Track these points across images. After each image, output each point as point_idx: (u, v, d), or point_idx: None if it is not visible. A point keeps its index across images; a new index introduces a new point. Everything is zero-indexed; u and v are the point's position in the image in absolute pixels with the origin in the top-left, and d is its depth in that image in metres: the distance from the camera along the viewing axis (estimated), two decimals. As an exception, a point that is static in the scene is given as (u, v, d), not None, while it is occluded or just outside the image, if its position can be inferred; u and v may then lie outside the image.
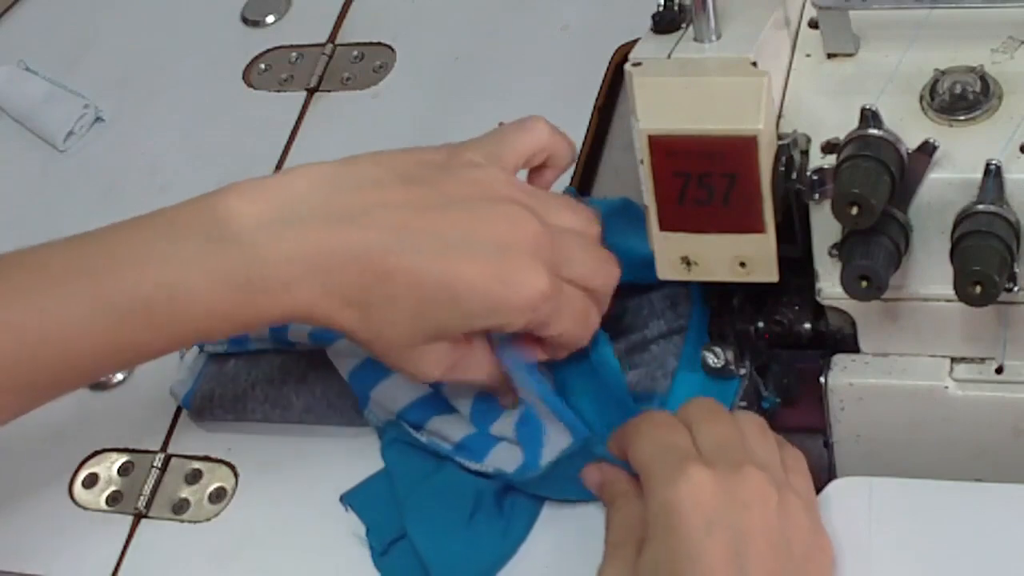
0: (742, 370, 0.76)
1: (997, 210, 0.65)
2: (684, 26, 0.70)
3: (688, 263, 0.71)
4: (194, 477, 0.83)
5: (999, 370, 0.71)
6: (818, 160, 0.68)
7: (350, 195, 0.69)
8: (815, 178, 0.67)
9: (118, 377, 0.89)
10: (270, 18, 1.10)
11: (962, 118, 0.67)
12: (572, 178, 0.88)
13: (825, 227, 0.69)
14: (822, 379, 0.73)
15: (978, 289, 0.64)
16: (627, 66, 0.69)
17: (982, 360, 0.72)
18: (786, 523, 0.65)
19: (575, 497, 0.75)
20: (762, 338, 0.75)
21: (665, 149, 0.68)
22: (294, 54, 1.07)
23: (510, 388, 0.75)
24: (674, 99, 0.68)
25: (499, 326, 0.70)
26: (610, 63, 0.95)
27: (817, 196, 0.68)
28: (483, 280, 0.68)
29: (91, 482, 0.85)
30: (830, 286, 0.70)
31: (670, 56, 0.69)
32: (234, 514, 0.81)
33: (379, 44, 1.05)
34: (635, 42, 0.71)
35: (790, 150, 0.68)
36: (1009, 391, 0.71)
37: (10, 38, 1.14)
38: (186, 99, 1.06)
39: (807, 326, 0.74)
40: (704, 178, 0.68)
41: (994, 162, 0.65)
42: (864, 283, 0.66)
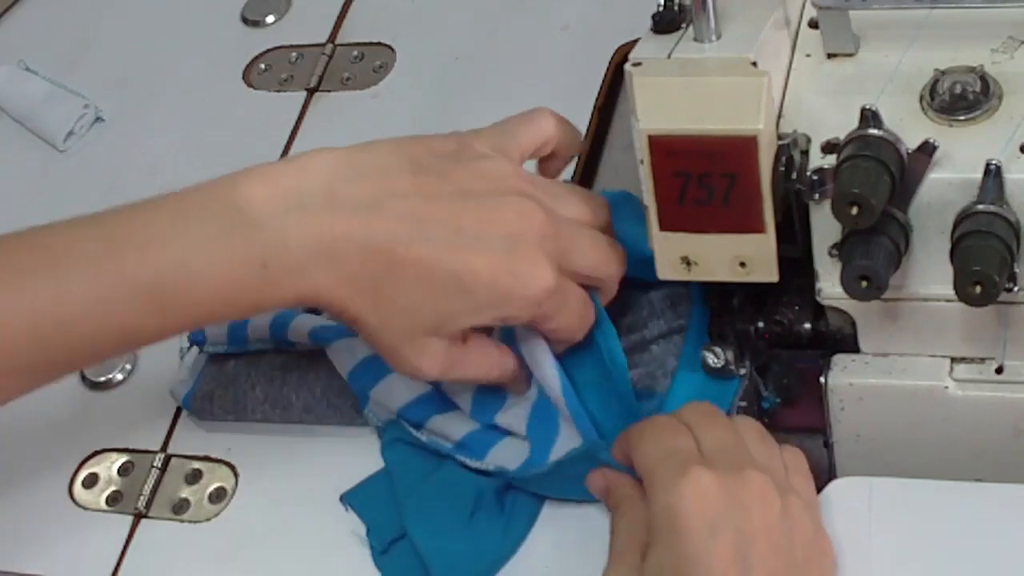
0: (742, 370, 0.76)
1: (997, 210, 0.65)
2: (684, 26, 0.70)
3: (688, 263, 0.71)
4: (194, 477, 0.83)
5: (999, 370, 0.71)
6: (818, 160, 0.68)
7: (362, 183, 0.69)
8: (815, 178, 0.67)
9: (118, 377, 0.89)
10: (270, 18, 1.10)
11: (962, 118, 0.67)
12: (572, 178, 0.88)
13: (825, 227, 0.69)
14: (822, 379, 0.73)
15: (978, 289, 0.64)
16: (627, 66, 0.69)
17: (982, 360, 0.72)
18: (789, 525, 0.65)
19: (575, 497, 0.75)
20: (762, 338, 0.75)
21: (665, 149, 0.68)
22: (294, 54, 1.07)
23: (518, 378, 0.76)
24: (674, 99, 0.68)
25: (506, 318, 0.71)
26: (610, 63, 0.95)
27: (817, 196, 0.68)
28: (492, 272, 0.68)
29: (91, 482, 0.85)
30: (830, 286, 0.70)
31: (670, 56, 0.69)
32: (234, 514, 0.81)
33: (379, 44, 1.05)
34: (635, 42, 0.70)
35: (790, 150, 0.68)
36: (1009, 391, 0.71)
37: (10, 38, 1.14)
38: (186, 99, 1.06)
39: (807, 326, 0.74)
40: (704, 178, 0.68)
41: (994, 162, 0.65)
42: (864, 283, 0.66)
